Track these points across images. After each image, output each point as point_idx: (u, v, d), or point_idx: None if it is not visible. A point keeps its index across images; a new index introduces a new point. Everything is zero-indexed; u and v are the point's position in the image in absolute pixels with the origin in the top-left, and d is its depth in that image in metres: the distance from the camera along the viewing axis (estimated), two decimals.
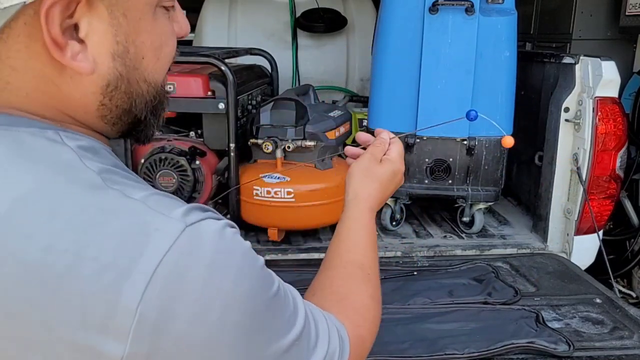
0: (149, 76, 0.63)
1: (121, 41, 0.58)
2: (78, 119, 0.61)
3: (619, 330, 1.52)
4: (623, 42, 2.74)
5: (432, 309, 1.62)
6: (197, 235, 0.54)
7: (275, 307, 0.61)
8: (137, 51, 0.60)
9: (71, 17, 0.54)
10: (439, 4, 1.97)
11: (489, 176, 2.17)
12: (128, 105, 0.63)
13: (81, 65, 0.56)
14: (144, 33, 0.60)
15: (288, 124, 2.06)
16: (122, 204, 0.54)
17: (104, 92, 0.60)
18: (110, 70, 0.59)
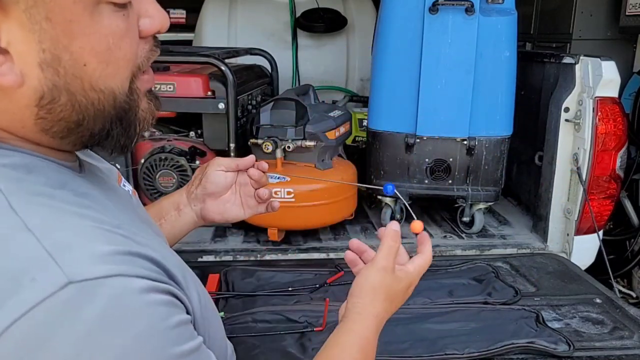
0: (100, 84, 0.55)
1: (48, 48, 0.51)
2: (17, 134, 0.56)
3: (619, 330, 1.52)
4: (623, 42, 2.74)
5: (432, 309, 1.62)
6: (86, 294, 0.45)
7: None
8: (73, 58, 0.53)
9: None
10: (439, 4, 1.97)
11: (489, 176, 2.16)
12: (76, 117, 0.56)
13: (6, 78, 0.51)
14: (80, 37, 0.52)
15: (288, 124, 2.06)
16: (12, 236, 0.47)
17: (38, 105, 0.54)
18: (42, 82, 0.53)
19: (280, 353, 1.37)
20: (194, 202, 0.99)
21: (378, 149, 2.20)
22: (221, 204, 0.99)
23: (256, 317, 1.55)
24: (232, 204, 0.99)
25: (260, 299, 1.65)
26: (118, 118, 0.59)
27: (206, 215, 0.99)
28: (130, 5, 0.56)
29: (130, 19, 0.57)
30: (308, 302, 1.65)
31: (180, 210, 1.00)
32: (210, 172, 0.98)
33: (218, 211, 0.99)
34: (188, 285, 0.58)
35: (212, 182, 0.97)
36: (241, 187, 0.99)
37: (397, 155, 2.16)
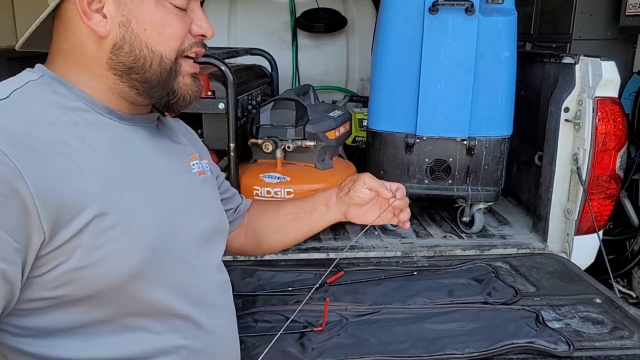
0: (152, 45, 0.87)
1: (125, 14, 0.85)
2: (95, 76, 0.88)
3: (619, 330, 1.52)
4: (623, 42, 2.74)
5: (432, 309, 1.62)
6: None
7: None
8: (138, 24, 0.86)
9: (99, 0, 0.84)
10: (439, 4, 1.97)
11: (489, 176, 2.17)
12: (131, 63, 0.87)
13: (99, 29, 0.85)
14: (145, 12, 0.86)
15: (288, 124, 2.06)
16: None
17: (112, 50, 0.86)
18: (117, 35, 0.86)
19: (280, 353, 1.37)
20: (341, 206, 1.27)
21: (378, 149, 2.20)
22: (362, 211, 1.26)
23: (256, 317, 1.55)
24: (371, 212, 1.26)
25: (260, 298, 1.65)
26: (161, 77, 0.89)
27: (348, 216, 1.27)
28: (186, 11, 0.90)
29: (183, 18, 0.89)
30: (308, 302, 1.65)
31: (329, 207, 1.27)
32: (358, 187, 1.23)
33: (358, 215, 1.27)
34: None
35: (358, 196, 1.23)
36: (382, 202, 1.25)
37: (397, 155, 2.16)
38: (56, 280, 0.77)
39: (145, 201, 0.86)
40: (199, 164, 1.06)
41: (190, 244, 0.94)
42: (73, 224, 0.75)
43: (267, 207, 1.33)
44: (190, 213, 0.96)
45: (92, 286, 0.79)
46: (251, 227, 1.31)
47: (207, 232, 1.00)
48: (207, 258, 1.00)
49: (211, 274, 1.01)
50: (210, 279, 1.00)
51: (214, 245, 1.04)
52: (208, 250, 1.00)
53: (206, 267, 0.99)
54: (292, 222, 1.27)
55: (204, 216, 1.00)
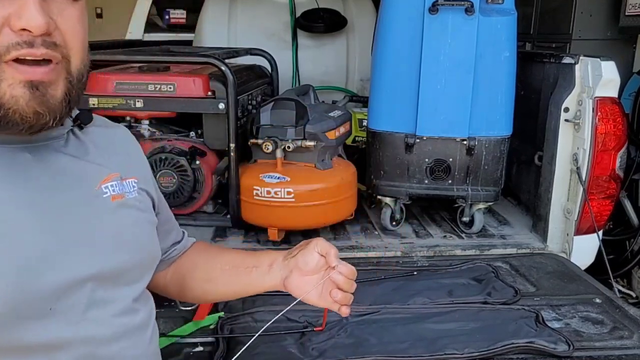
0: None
1: None
2: None
3: (619, 330, 1.52)
4: (623, 42, 2.75)
5: (432, 308, 1.63)
6: None
7: None
8: None
9: None
10: (439, 4, 1.97)
11: (488, 176, 2.17)
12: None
13: None
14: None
15: (288, 124, 2.06)
16: None
17: None
18: None
19: (280, 353, 1.38)
20: (283, 269, 1.02)
21: (378, 149, 2.20)
22: (302, 282, 1.00)
23: (256, 317, 1.55)
24: (311, 286, 0.99)
25: (260, 299, 1.64)
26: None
27: (287, 284, 1.01)
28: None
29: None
30: None
31: (272, 267, 1.03)
32: (308, 251, 0.99)
33: (297, 285, 1.00)
34: None
35: (304, 261, 0.99)
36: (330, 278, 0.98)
37: (397, 155, 2.16)
38: None
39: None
40: (117, 185, 0.86)
41: (74, 293, 0.76)
42: None
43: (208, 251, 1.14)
44: (84, 252, 0.78)
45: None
46: (181, 268, 1.10)
47: (110, 272, 0.81)
48: (107, 304, 0.81)
49: (109, 323, 0.81)
50: (107, 329, 0.81)
51: (125, 284, 0.85)
52: (109, 294, 0.81)
53: (102, 315, 0.80)
54: (227, 274, 1.06)
55: (108, 252, 0.82)
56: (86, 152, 0.85)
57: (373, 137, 2.22)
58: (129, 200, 0.88)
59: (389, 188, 2.21)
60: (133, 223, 0.88)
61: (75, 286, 0.76)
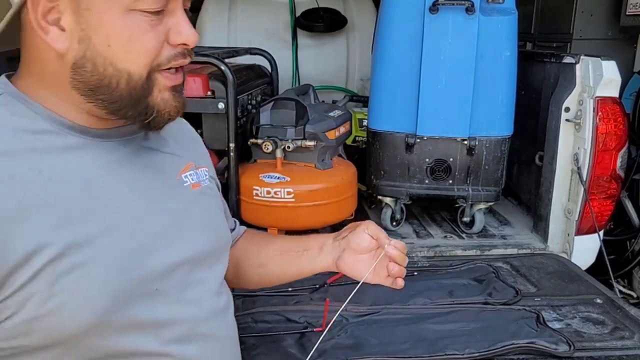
0: (118, 64, 0.75)
1: (85, 29, 0.73)
2: (59, 91, 0.77)
3: (620, 330, 1.52)
4: (623, 42, 2.74)
5: (432, 309, 1.62)
6: None
7: None
8: (100, 39, 0.73)
9: (57, 10, 0.72)
10: (440, 3, 1.97)
11: (489, 176, 2.16)
12: (95, 83, 0.76)
13: (56, 45, 0.73)
14: (107, 25, 0.73)
15: (288, 124, 2.06)
16: None
17: (73, 68, 0.75)
18: (77, 52, 0.74)
19: (280, 353, 1.37)
20: (335, 249, 1.07)
21: (378, 149, 2.20)
22: (355, 261, 1.05)
23: (256, 317, 1.55)
24: (364, 264, 1.05)
25: (260, 299, 1.64)
26: (130, 95, 0.77)
27: (340, 264, 1.07)
28: (162, 15, 0.76)
29: (157, 26, 0.76)
30: (308, 302, 1.65)
31: (322, 250, 1.09)
32: (359, 232, 1.05)
33: (350, 264, 1.05)
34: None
35: (357, 241, 1.04)
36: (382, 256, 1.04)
37: (397, 155, 2.16)
38: (11, 330, 0.70)
39: (112, 235, 0.76)
40: (194, 174, 0.94)
41: (174, 275, 0.83)
42: (23, 272, 0.68)
43: (259, 238, 1.19)
44: (177, 237, 0.85)
45: (53, 335, 0.72)
46: (235, 255, 1.14)
47: (199, 255, 0.89)
48: (200, 285, 0.88)
49: (203, 303, 0.89)
50: (202, 308, 0.88)
51: (210, 267, 0.92)
52: (201, 276, 0.89)
53: (197, 295, 0.88)
54: (279, 258, 1.12)
55: (197, 237, 0.89)
56: (165, 144, 0.92)
57: (373, 137, 2.21)
58: (204, 189, 0.96)
59: (389, 188, 2.21)
60: (210, 209, 0.97)
61: (174, 269, 0.83)
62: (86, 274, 0.72)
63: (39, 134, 0.75)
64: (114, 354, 0.77)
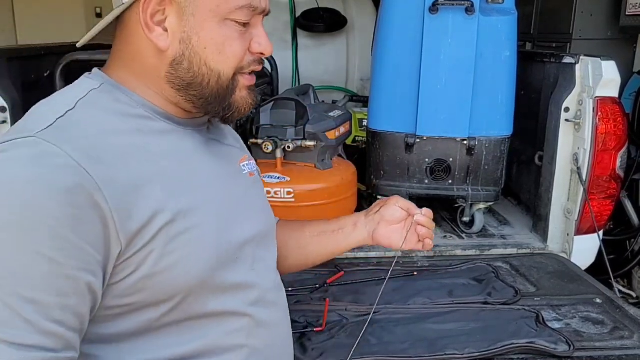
0: (211, 64, 0.87)
1: (187, 31, 0.85)
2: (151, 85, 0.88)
3: (619, 330, 1.52)
4: (623, 42, 2.75)
5: (432, 309, 1.62)
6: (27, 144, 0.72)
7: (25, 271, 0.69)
8: (199, 41, 0.85)
9: (162, 13, 0.84)
10: (439, 3, 1.97)
11: (489, 176, 2.16)
12: (189, 79, 0.87)
13: (160, 43, 0.84)
14: (207, 30, 0.85)
15: (288, 124, 2.06)
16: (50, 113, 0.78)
17: (171, 64, 0.86)
18: (177, 50, 0.85)
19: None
20: (369, 224, 1.22)
21: (378, 149, 2.20)
22: (390, 231, 1.20)
23: None
24: (397, 234, 1.20)
25: None
26: (218, 93, 0.89)
27: (376, 237, 1.21)
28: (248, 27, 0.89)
29: (244, 35, 0.89)
30: (308, 302, 1.65)
31: (357, 226, 1.22)
32: (390, 205, 1.20)
33: (386, 236, 1.20)
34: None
35: (390, 213, 1.20)
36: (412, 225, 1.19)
37: (397, 155, 2.16)
38: (131, 287, 0.78)
39: (208, 207, 0.87)
40: (248, 164, 1.08)
41: (247, 247, 0.95)
42: (146, 232, 0.77)
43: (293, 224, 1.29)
44: (245, 216, 0.97)
45: (164, 292, 0.81)
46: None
47: (260, 234, 1.01)
48: (263, 259, 1.01)
49: (268, 275, 1.02)
50: (267, 279, 1.01)
51: (268, 246, 1.06)
52: (263, 252, 1.01)
53: (262, 268, 1.00)
54: (316, 240, 1.23)
55: (257, 218, 1.02)
56: (224, 137, 1.05)
57: (373, 137, 2.22)
58: (257, 178, 1.11)
59: (389, 188, 2.21)
60: (262, 195, 1.12)
61: (247, 242, 0.95)
62: (192, 238, 0.82)
63: (138, 118, 0.85)
64: (208, 314, 0.88)
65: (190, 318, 0.86)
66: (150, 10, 0.83)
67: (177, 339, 0.85)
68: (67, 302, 0.71)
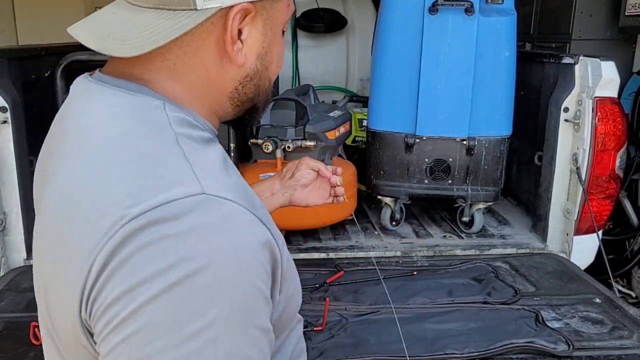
0: (272, 76, 0.82)
1: (265, 47, 0.78)
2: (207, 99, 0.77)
3: (619, 330, 1.52)
4: (622, 42, 2.75)
5: (431, 308, 1.63)
6: (209, 205, 0.61)
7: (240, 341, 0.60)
8: (270, 56, 0.79)
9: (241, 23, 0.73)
10: (439, 4, 1.97)
11: (488, 176, 2.17)
12: (253, 95, 0.81)
13: (238, 58, 0.74)
14: (277, 44, 0.80)
15: (288, 124, 2.06)
16: (172, 159, 0.65)
17: (241, 81, 0.78)
18: (253, 66, 0.77)
19: None
20: (286, 189, 1.30)
21: (378, 149, 2.20)
22: (306, 192, 1.31)
23: None
24: (314, 193, 1.32)
25: None
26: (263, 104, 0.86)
27: (294, 200, 1.30)
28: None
29: None
30: (308, 301, 1.66)
31: (274, 193, 1.29)
32: (303, 169, 1.29)
33: (302, 197, 1.30)
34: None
35: (304, 177, 1.29)
36: (321, 181, 1.32)
37: (397, 155, 2.16)
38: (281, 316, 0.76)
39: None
40: None
41: None
42: (279, 272, 0.71)
43: None
44: None
45: (283, 323, 0.80)
46: None
47: None
48: None
49: None
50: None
51: None
52: None
53: None
54: None
55: None
56: None
57: (373, 137, 2.22)
58: None
59: (389, 188, 2.21)
60: None
61: None
62: (290, 264, 0.77)
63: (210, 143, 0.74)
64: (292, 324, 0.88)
65: (286, 329, 0.86)
66: (238, 23, 0.72)
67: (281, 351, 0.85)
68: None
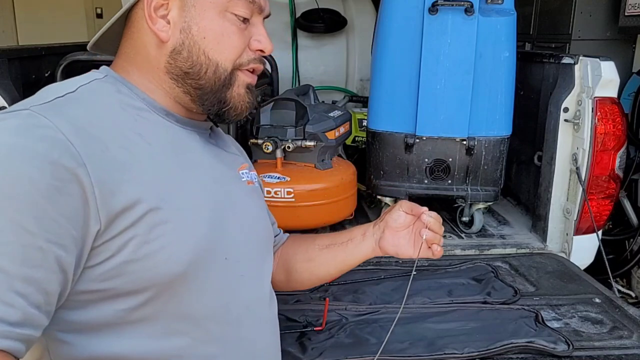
0: (209, 53, 0.90)
1: (187, 21, 0.88)
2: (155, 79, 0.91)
3: (618, 329, 1.53)
4: (622, 42, 2.75)
5: (431, 308, 1.63)
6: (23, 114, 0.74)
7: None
8: (199, 31, 0.88)
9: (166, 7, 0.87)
10: (439, 4, 1.97)
11: (488, 176, 2.17)
12: (188, 68, 0.90)
13: (161, 34, 0.88)
14: (206, 20, 0.88)
15: (288, 124, 2.07)
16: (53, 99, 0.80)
17: (170, 54, 0.89)
18: (177, 40, 0.89)
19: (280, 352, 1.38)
20: (376, 232, 1.17)
21: (378, 149, 2.20)
22: (396, 239, 1.14)
23: None
24: (406, 241, 1.14)
25: None
26: (214, 85, 0.92)
27: (383, 245, 1.16)
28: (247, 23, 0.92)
29: (244, 31, 0.92)
30: (308, 301, 1.66)
31: (365, 236, 1.18)
32: (394, 211, 1.15)
33: (393, 243, 1.15)
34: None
35: (393, 219, 1.14)
36: (418, 230, 1.13)
37: (397, 155, 2.17)
38: (107, 272, 0.77)
39: (197, 201, 0.87)
40: (248, 173, 1.07)
41: (237, 250, 0.93)
42: (129, 215, 0.76)
43: (303, 237, 1.27)
44: (238, 219, 0.96)
45: (140, 281, 0.79)
46: (284, 256, 1.22)
47: (253, 241, 1.00)
48: (254, 267, 0.99)
49: (257, 285, 1.00)
50: (256, 290, 0.99)
51: (262, 255, 1.04)
52: (255, 259, 1.00)
53: (253, 276, 0.98)
54: (325, 252, 1.19)
55: (250, 225, 1.00)
56: (225, 144, 1.07)
57: (373, 137, 2.22)
58: (256, 187, 1.10)
59: (389, 188, 2.21)
60: (260, 205, 1.10)
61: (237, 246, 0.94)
62: (176, 227, 0.81)
63: (137, 109, 0.87)
64: (185, 315, 0.85)
65: (166, 317, 0.83)
66: (154, 4, 0.87)
67: (147, 340, 0.83)
68: (32, 274, 0.68)
